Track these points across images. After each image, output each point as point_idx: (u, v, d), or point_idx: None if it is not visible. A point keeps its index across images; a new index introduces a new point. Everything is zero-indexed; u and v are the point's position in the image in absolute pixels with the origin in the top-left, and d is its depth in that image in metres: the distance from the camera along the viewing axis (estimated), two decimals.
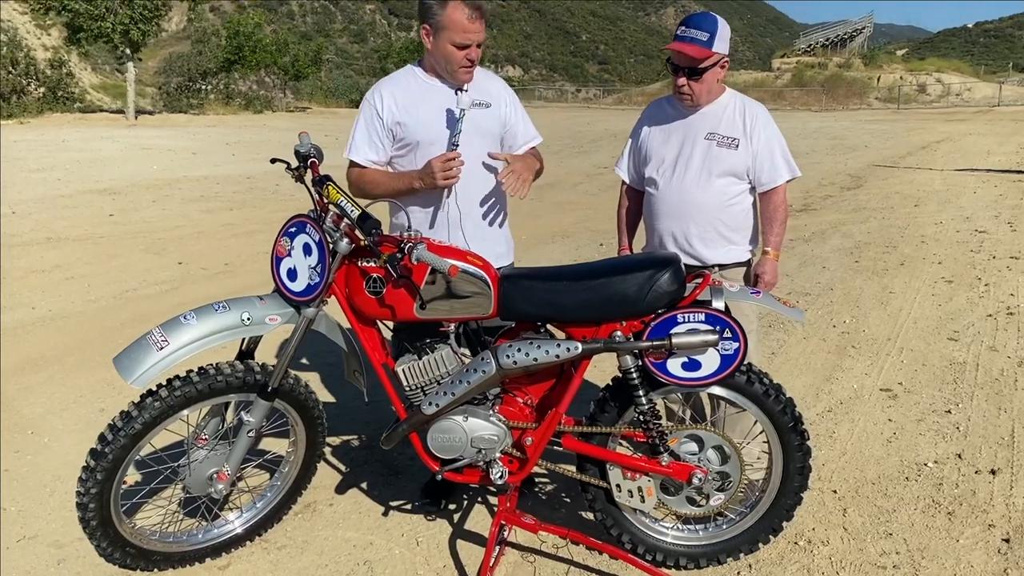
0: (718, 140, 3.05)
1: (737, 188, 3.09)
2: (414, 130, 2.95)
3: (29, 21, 37.48)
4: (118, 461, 2.51)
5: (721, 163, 3.04)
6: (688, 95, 3.03)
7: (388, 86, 3.02)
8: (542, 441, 2.66)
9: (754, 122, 3.06)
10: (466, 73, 2.92)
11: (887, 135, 23.29)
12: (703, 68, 2.95)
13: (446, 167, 2.81)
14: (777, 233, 3.13)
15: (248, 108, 34.94)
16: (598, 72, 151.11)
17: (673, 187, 3.12)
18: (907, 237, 8.72)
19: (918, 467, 3.60)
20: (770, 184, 3.09)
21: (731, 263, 3.15)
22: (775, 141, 3.08)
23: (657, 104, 3.31)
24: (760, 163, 3.06)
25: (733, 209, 3.10)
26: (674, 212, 3.12)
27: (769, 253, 3.12)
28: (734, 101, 3.12)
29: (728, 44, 3.00)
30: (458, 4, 2.79)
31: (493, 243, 3.09)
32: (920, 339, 5.32)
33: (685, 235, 3.11)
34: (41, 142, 18.35)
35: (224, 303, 2.56)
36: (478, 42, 2.87)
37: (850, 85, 45.66)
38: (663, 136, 3.18)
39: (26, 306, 6.06)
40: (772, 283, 3.11)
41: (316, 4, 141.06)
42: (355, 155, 3.02)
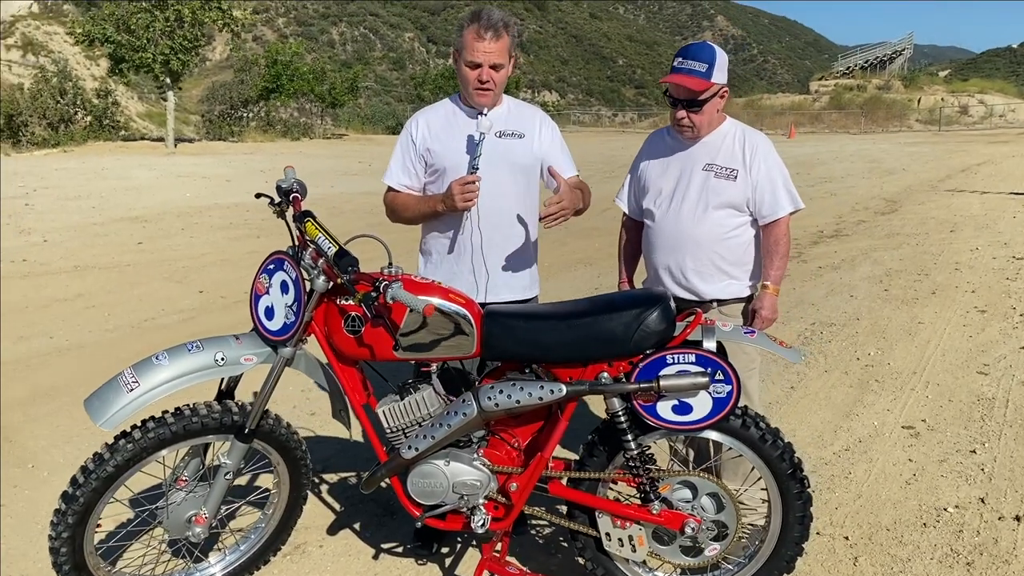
0: (716, 171, 2.96)
1: (736, 220, 2.99)
2: (442, 156, 2.98)
3: (79, 52, 38.44)
4: (90, 505, 2.45)
5: (719, 195, 2.95)
6: (688, 127, 2.95)
7: (426, 114, 3.11)
8: (527, 487, 2.56)
9: (754, 152, 2.96)
10: (481, 95, 2.91)
11: (926, 158, 22.87)
12: (703, 100, 2.86)
13: (464, 190, 2.79)
14: (778, 267, 3.00)
15: (286, 135, 35.41)
16: (635, 96, 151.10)
17: (669, 219, 3.04)
18: (940, 264, 8.47)
19: (937, 512, 3.42)
20: (771, 216, 2.98)
21: (730, 298, 3.04)
22: (776, 171, 2.98)
23: (657, 135, 3.23)
24: (760, 195, 2.96)
25: (732, 242, 3.00)
26: (670, 245, 3.04)
27: (768, 288, 2.99)
28: (734, 130, 3.02)
29: (727, 73, 2.91)
30: (474, 26, 2.84)
31: (516, 274, 3.07)
32: (948, 373, 5.12)
33: (681, 269, 3.02)
34: (81, 170, 18.72)
35: (198, 343, 2.50)
36: (491, 63, 2.85)
37: (889, 107, 45.02)
38: (661, 167, 3.10)
39: (44, 335, 6.11)
40: (770, 319, 2.98)
41: (356, 33, 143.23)
42: (389, 179, 3.11)
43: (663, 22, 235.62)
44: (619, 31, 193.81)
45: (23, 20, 55.22)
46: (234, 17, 28.24)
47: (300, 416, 4.52)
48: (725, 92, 2.94)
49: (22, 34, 52.32)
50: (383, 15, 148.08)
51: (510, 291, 3.06)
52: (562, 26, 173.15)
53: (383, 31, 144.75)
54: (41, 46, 50.48)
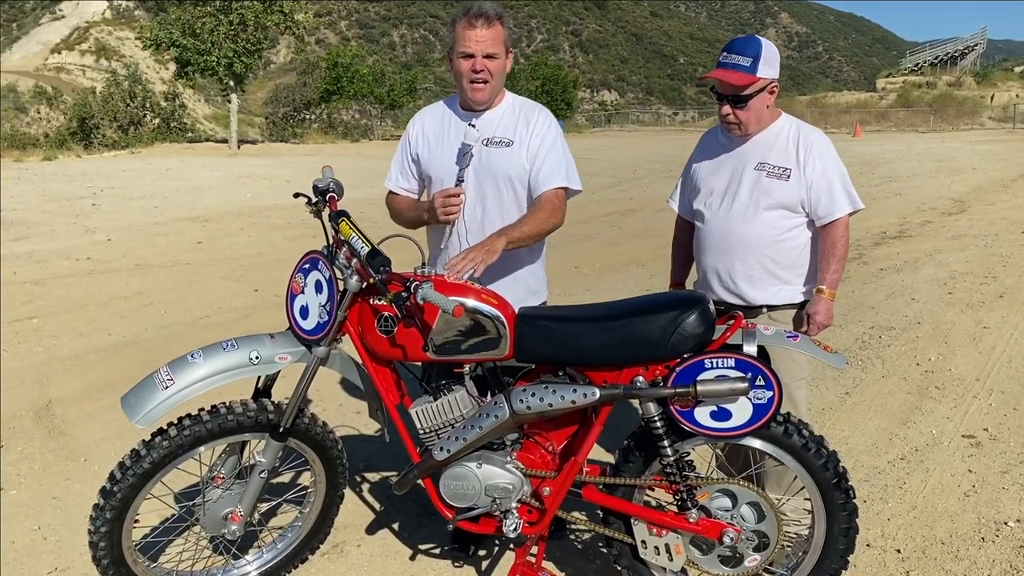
0: (768, 170, 2.84)
1: (790, 222, 2.86)
2: (429, 163, 2.93)
3: (149, 56, 39.52)
4: (127, 500, 2.48)
5: (770, 195, 2.83)
6: (735, 124, 2.84)
7: (425, 115, 3.04)
8: (561, 491, 2.51)
9: (809, 150, 2.82)
10: (476, 90, 2.80)
11: (998, 156, 22.06)
12: (747, 95, 2.76)
13: (447, 203, 2.72)
14: (835, 270, 2.85)
15: (346, 137, 35.92)
16: (696, 95, 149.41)
17: (719, 220, 2.94)
18: (1010, 267, 8.14)
19: (997, 526, 3.26)
20: (828, 217, 2.83)
21: (781, 304, 2.92)
22: (833, 170, 2.84)
23: (711, 133, 3.12)
24: (816, 195, 2.82)
25: (785, 245, 2.87)
26: (719, 247, 2.94)
27: (824, 292, 2.85)
28: (788, 128, 2.90)
29: (777, 68, 2.81)
30: (463, 18, 2.76)
31: (506, 287, 2.88)
32: (1014, 380, 4.90)
33: (730, 273, 2.91)
34: (147, 171, 19.25)
35: (233, 341, 2.52)
36: (485, 52, 2.74)
37: (961, 105, 43.58)
38: (713, 167, 3.01)
39: (103, 332, 6.26)
40: (824, 325, 2.86)
41: (416, 35, 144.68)
42: (388, 182, 3.07)
43: (725, 19, 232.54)
44: (680, 29, 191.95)
45: (97, 26, 57.01)
46: (296, 20, 28.75)
47: (346, 414, 4.54)
48: (775, 87, 2.82)
49: (95, 39, 54.05)
50: (443, 17, 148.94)
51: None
52: (622, 25, 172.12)
53: (443, 32, 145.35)
54: (113, 51, 52.10)
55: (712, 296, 2.85)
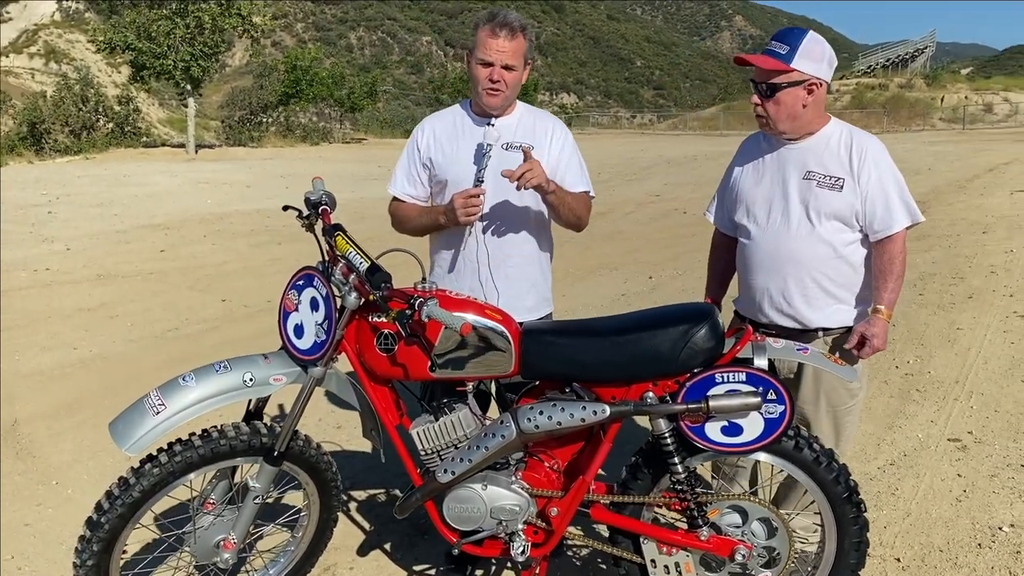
0: (818, 180, 2.61)
1: (846, 237, 2.64)
2: (445, 168, 2.86)
3: (101, 59, 38.77)
4: (116, 531, 2.36)
5: (824, 207, 2.60)
6: (763, 116, 2.65)
7: (433, 120, 2.98)
8: (569, 511, 2.45)
9: (863, 158, 2.60)
10: (491, 96, 2.76)
11: (952, 157, 22.53)
12: (775, 84, 2.56)
13: (467, 204, 2.66)
14: (892, 289, 2.62)
15: (306, 140, 35.48)
16: (653, 98, 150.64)
17: (768, 236, 2.71)
18: (975, 267, 8.28)
19: (992, 531, 3.27)
20: (884, 231, 2.60)
21: (838, 327, 2.71)
22: (890, 179, 2.61)
23: (753, 139, 2.88)
24: (872, 207, 2.59)
25: (841, 262, 2.66)
26: (769, 266, 2.70)
27: (882, 312, 2.62)
28: (840, 133, 2.66)
29: (822, 66, 2.57)
30: (487, 25, 2.72)
31: (522, 294, 2.88)
32: (991, 382, 4.95)
33: (783, 293, 2.68)
34: (103, 177, 18.79)
35: (226, 363, 2.41)
36: (504, 63, 2.71)
37: (912, 106, 44.49)
38: (755, 176, 2.78)
39: (67, 346, 6.05)
40: (880, 347, 2.64)
41: (374, 37, 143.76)
42: (393, 188, 2.99)
43: (681, 23, 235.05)
44: (637, 32, 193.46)
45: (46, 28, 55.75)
46: (254, 23, 28.30)
47: (326, 430, 4.43)
48: (814, 86, 2.56)
49: (44, 42, 52.83)
50: (401, 19, 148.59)
51: (514, 313, 2.88)
52: (579, 28, 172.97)
53: (401, 35, 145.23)
54: (63, 54, 50.95)
55: (762, 319, 2.76)
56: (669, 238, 10.65)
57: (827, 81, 2.61)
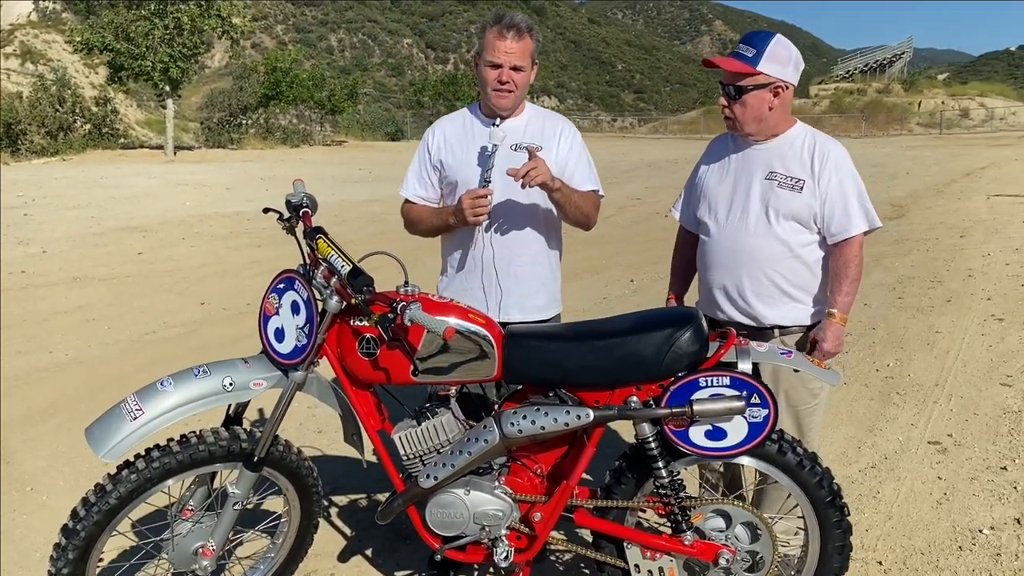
0: (780, 180, 2.66)
1: (804, 238, 2.68)
2: (455, 169, 2.88)
3: (78, 60, 38.34)
4: (92, 539, 2.31)
5: (783, 207, 2.65)
6: (730, 118, 2.70)
7: (444, 123, 3.02)
8: (552, 516, 2.43)
9: (824, 161, 2.64)
10: (500, 97, 2.79)
11: (929, 161, 22.76)
12: (742, 87, 2.60)
13: (475, 204, 2.68)
14: (847, 292, 2.66)
15: (285, 142, 35.29)
16: (634, 101, 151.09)
17: (726, 233, 2.76)
18: (953, 271, 8.35)
19: (972, 534, 3.29)
20: (841, 234, 2.65)
21: (793, 325, 2.75)
22: (850, 184, 2.64)
23: (720, 139, 2.93)
24: (831, 210, 2.63)
25: (797, 262, 2.69)
26: (726, 262, 2.76)
27: (835, 316, 2.66)
28: (804, 136, 2.71)
29: (790, 70, 2.62)
30: (495, 26, 2.75)
31: (532, 293, 2.92)
32: (970, 384, 4.99)
33: (739, 289, 2.73)
34: (80, 179, 18.60)
35: (205, 367, 2.38)
36: (512, 64, 2.74)
37: (890, 111, 44.93)
38: (720, 174, 2.83)
39: (44, 350, 5.97)
40: (833, 352, 2.68)
41: (355, 39, 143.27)
42: (405, 191, 3.01)
43: (661, 27, 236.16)
44: (617, 36, 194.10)
45: (22, 28, 55.17)
46: (233, 24, 28.11)
47: (307, 434, 4.39)
48: (780, 89, 2.62)
49: (21, 42, 52.26)
50: (381, 21, 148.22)
51: (522, 312, 2.91)
52: (560, 31, 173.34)
53: (382, 37, 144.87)
54: (40, 54, 50.41)
55: (719, 315, 2.79)
56: (650, 241, 10.67)
57: (793, 84, 2.66)
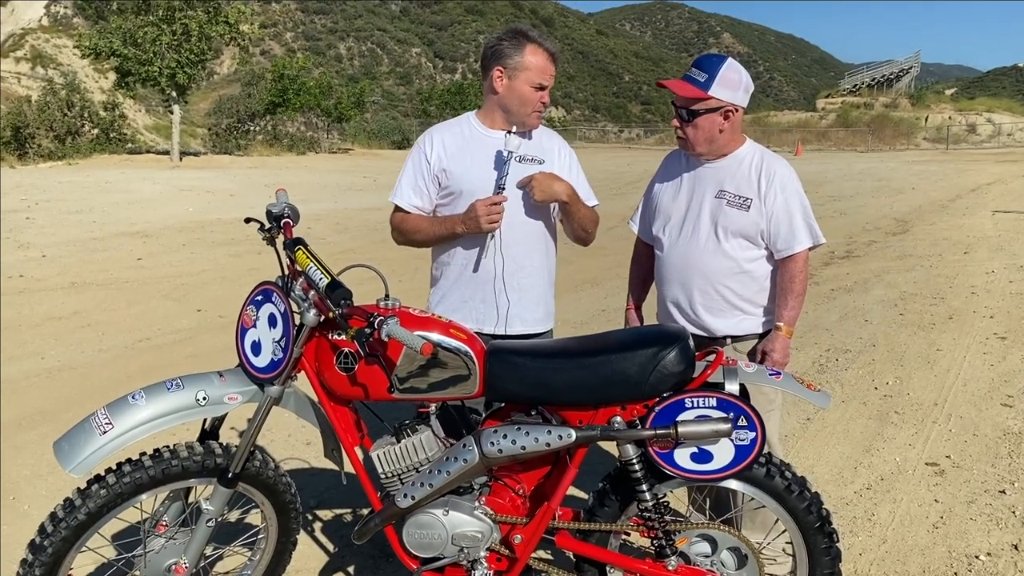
0: (728, 199, 2.76)
1: (751, 253, 2.79)
2: (460, 178, 2.83)
3: (88, 65, 38.48)
4: (60, 556, 2.25)
5: (731, 224, 2.75)
6: (682, 139, 2.78)
7: (440, 131, 2.95)
8: (533, 539, 2.36)
9: (771, 180, 2.74)
10: (537, 117, 2.83)
11: (935, 176, 22.66)
12: (694, 111, 2.69)
13: (490, 211, 2.67)
14: (792, 306, 2.77)
15: (292, 150, 35.35)
16: (641, 112, 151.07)
17: (678, 249, 2.86)
18: (956, 288, 8.26)
19: (969, 560, 3.21)
20: (786, 251, 2.76)
21: (744, 335, 2.85)
22: (795, 202, 2.75)
23: (675, 155, 3.02)
24: (776, 227, 2.74)
25: (745, 276, 2.80)
26: (678, 277, 2.86)
27: (781, 329, 2.77)
28: (752, 156, 2.81)
29: (739, 93, 2.71)
30: (536, 47, 2.78)
31: (533, 304, 2.92)
32: (970, 404, 4.91)
33: (690, 303, 2.85)
34: (85, 183, 18.62)
35: (178, 380, 2.32)
36: (551, 86, 2.79)
37: (897, 125, 44.81)
38: (673, 191, 2.93)
39: (36, 356, 5.93)
40: (781, 363, 2.76)
41: (363, 48, 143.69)
42: (399, 199, 2.92)
43: (669, 39, 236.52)
44: (625, 47, 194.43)
45: (33, 33, 55.46)
46: (241, 31, 28.22)
47: (295, 446, 4.34)
48: (730, 112, 2.71)
49: (31, 47, 52.55)
50: (390, 30, 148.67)
51: (523, 324, 2.90)
52: (568, 42, 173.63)
53: (390, 46, 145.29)
54: (50, 59, 50.68)
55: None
56: None
57: (743, 107, 2.74)
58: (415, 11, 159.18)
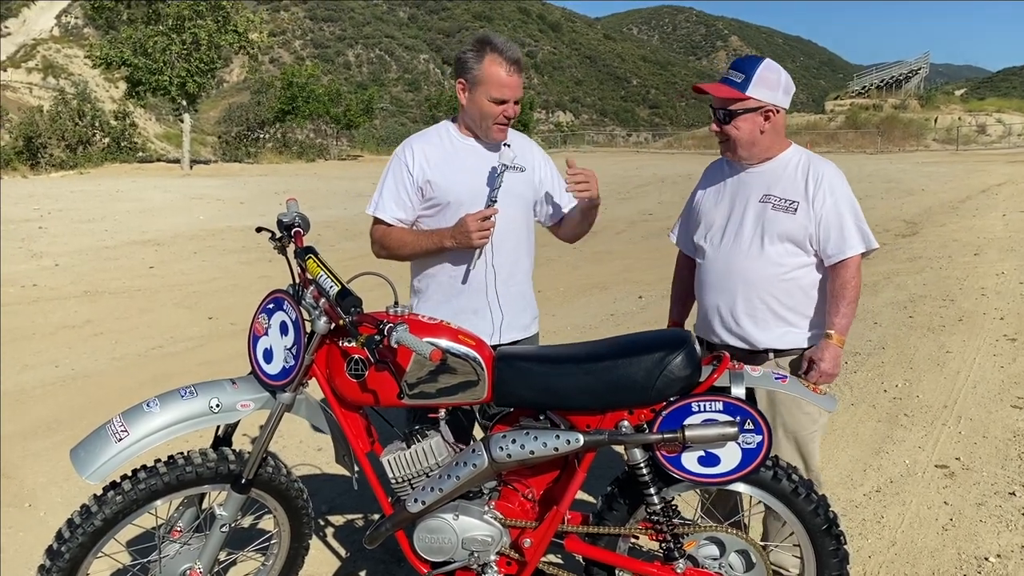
0: (774, 203, 2.65)
1: (798, 260, 2.66)
2: (446, 190, 2.79)
3: (99, 75, 38.79)
4: (77, 561, 2.29)
5: (776, 228, 2.64)
6: (724, 143, 2.71)
7: (419, 142, 2.88)
8: (542, 542, 2.39)
9: (819, 183, 2.63)
10: (500, 131, 2.78)
11: (945, 178, 22.58)
12: (732, 111, 2.61)
13: (482, 226, 2.65)
14: (843, 315, 2.62)
15: (302, 157, 35.53)
16: (649, 116, 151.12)
17: (721, 255, 2.75)
18: (966, 289, 8.25)
19: (978, 561, 3.22)
20: (837, 256, 2.62)
21: (788, 348, 2.72)
22: (845, 205, 2.64)
23: (716, 164, 2.92)
24: (826, 231, 2.62)
25: (791, 284, 2.67)
26: (720, 284, 2.74)
27: (832, 337, 2.62)
28: (798, 158, 2.71)
29: (779, 93, 2.62)
30: (496, 57, 2.68)
31: (521, 311, 2.93)
32: (980, 406, 4.91)
33: (732, 311, 2.71)
34: (96, 192, 18.77)
35: (192, 388, 2.36)
36: (516, 98, 2.73)
37: (906, 127, 44.67)
38: (715, 198, 2.83)
39: (50, 364, 5.99)
40: (830, 374, 2.63)
41: (372, 55, 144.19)
42: (381, 212, 2.85)
43: (677, 42, 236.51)
44: (633, 52, 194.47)
45: (44, 43, 55.86)
46: (250, 40, 28.42)
47: (307, 452, 4.37)
48: (771, 112, 2.62)
49: (43, 57, 52.94)
50: (399, 37, 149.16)
51: (515, 331, 2.90)
52: (576, 47, 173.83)
53: (398, 53, 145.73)
54: (61, 69, 51.04)
55: (714, 339, 2.77)
56: (660, 257, 10.61)
57: (784, 108, 2.66)
58: (423, 18, 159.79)
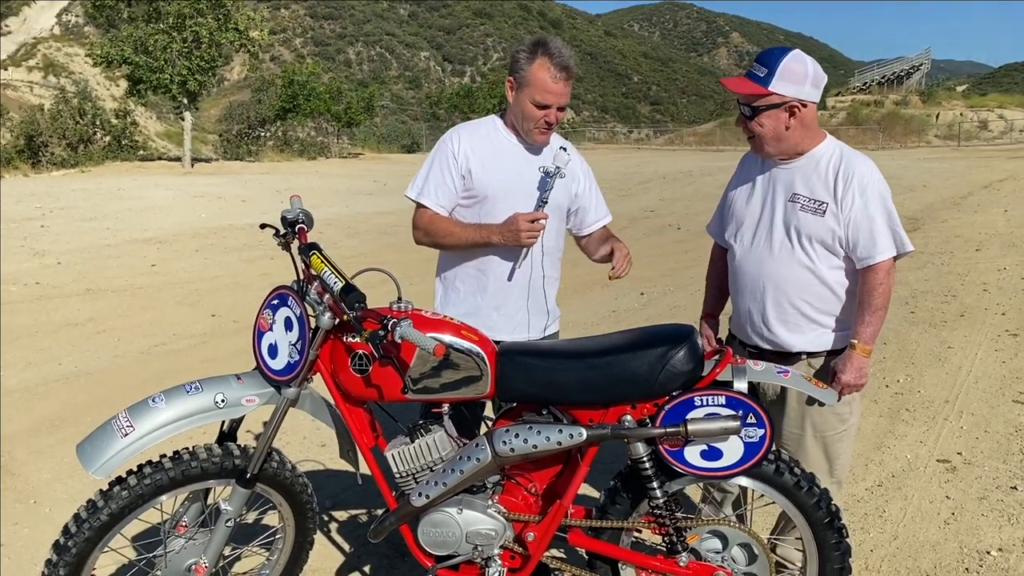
0: (802, 203, 2.55)
1: (830, 262, 2.56)
2: (485, 183, 2.81)
3: (99, 73, 38.79)
4: (83, 556, 2.31)
5: (806, 230, 2.54)
6: (752, 139, 2.61)
7: (467, 131, 2.90)
8: (546, 536, 2.40)
9: (848, 182, 2.50)
10: (541, 134, 2.79)
11: (947, 174, 22.58)
12: (756, 107, 2.51)
13: (532, 227, 2.68)
14: (869, 322, 2.52)
15: (302, 155, 35.52)
16: (650, 113, 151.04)
17: (751, 257, 2.67)
18: (967, 285, 8.26)
19: (980, 555, 3.23)
20: (866, 260, 2.50)
21: (821, 351, 2.64)
22: (877, 206, 2.49)
23: (751, 156, 2.80)
24: (855, 233, 2.49)
25: (823, 287, 2.58)
26: (751, 288, 2.66)
27: (855, 347, 2.53)
28: (830, 154, 2.58)
29: (806, 87, 2.49)
30: (545, 61, 2.68)
31: (547, 312, 2.98)
32: (982, 401, 4.92)
33: (763, 316, 2.64)
34: (98, 190, 18.77)
35: (197, 383, 2.37)
36: (559, 104, 2.73)
37: (908, 123, 44.64)
38: (747, 194, 2.74)
39: (53, 362, 6.01)
40: (853, 386, 2.56)
41: (372, 52, 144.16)
42: (426, 198, 2.85)
43: (678, 39, 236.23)
44: (634, 48, 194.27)
45: (45, 42, 55.88)
46: (251, 38, 28.37)
47: (311, 448, 4.39)
48: (796, 108, 2.50)
49: (43, 55, 52.94)
50: (399, 35, 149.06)
51: (537, 331, 2.96)
52: (577, 44, 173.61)
53: (399, 50, 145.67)
54: (62, 67, 51.06)
55: (747, 342, 2.74)
56: (662, 254, 10.64)
57: (812, 101, 2.54)
58: (423, 15, 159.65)
